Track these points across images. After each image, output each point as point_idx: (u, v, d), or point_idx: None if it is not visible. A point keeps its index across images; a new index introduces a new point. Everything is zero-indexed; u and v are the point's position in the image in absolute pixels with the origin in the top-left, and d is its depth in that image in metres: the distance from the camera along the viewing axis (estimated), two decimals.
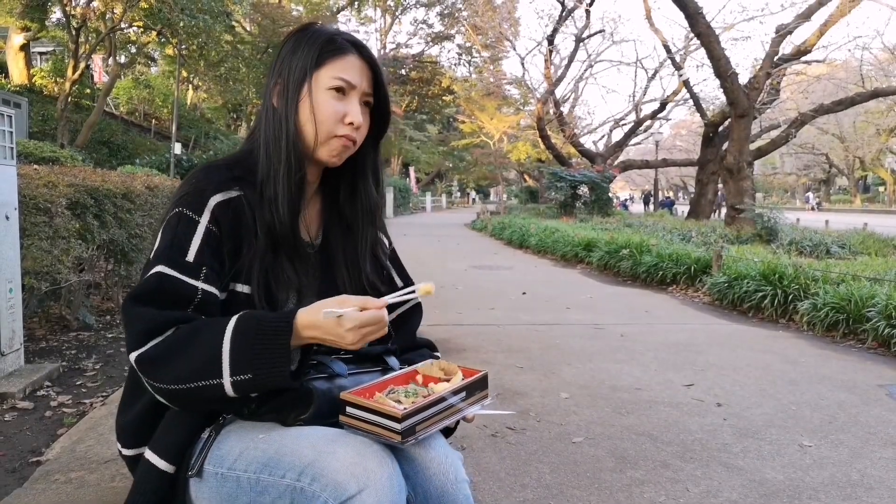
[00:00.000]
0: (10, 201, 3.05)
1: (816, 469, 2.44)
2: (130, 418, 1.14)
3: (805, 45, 13.23)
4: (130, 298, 1.04)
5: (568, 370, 3.79)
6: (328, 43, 1.17)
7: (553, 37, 21.13)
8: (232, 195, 1.12)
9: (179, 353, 1.00)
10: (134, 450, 1.15)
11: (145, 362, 1.01)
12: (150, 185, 5.09)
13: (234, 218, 1.11)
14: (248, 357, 0.98)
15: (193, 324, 1.03)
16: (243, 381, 0.98)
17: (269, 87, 1.20)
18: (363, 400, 1.00)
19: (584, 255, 9.80)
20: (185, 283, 1.04)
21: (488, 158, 32.56)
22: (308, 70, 1.15)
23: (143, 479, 1.08)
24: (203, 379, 0.99)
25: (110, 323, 4.53)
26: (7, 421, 2.64)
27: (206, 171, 1.15)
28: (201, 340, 1.00)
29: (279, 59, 1.20)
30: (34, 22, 17.06)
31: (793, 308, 5.44)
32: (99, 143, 17.76)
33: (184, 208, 1.09)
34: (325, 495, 0.92)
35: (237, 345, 0.99)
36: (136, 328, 1.02)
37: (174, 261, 1.05)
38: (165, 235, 1.08)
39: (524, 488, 2.23)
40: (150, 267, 1.06)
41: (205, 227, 1.08)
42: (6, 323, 3.01)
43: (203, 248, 1.07)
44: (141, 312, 1.02)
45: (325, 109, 1.15)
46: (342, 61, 1.17)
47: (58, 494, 1.33)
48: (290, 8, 29.06)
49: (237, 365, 0.98)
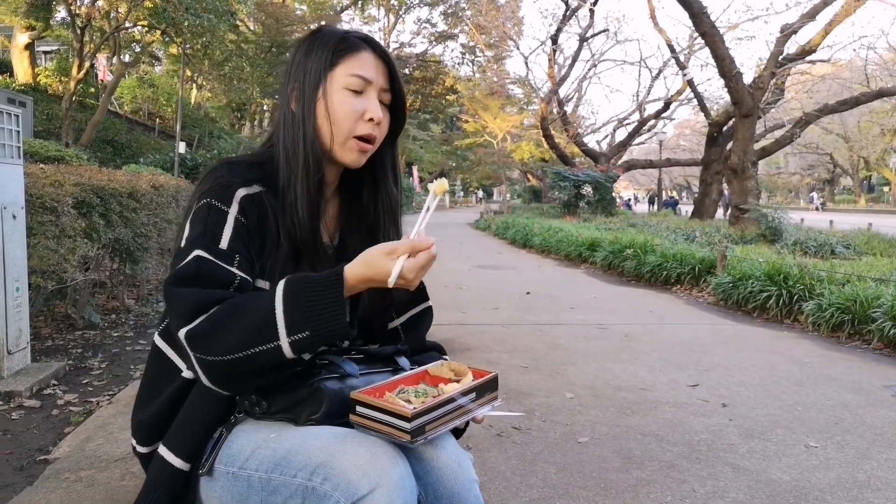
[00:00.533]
0: (17, 200, 3.06)
1: (823, 470, 2.43)
2: (147, 416, 1.14)
3: (810, 45, 13.19)
4: (172, 280, 1.04)
5: (572, 370, 3.79)
6: (340, 42, 1.17)
7: (557, 36, 21.10)
8: (255, 191, 1.13)
9: (232, 323, 0.98)
10: (149, 447, 1.15)
11: (196, 336, 0.99)
12: (155, 184, 5.11)
13: (258, 213, 1.11)
14: (304, 315, 0.98)
15: (239, 297, 1.03)
16: (301, 339, 0.98)
17: (287, 93, 1.20)
18: (373, 399, 1.00)
19: (587, 254, 9.80)
20: (223, 268, 1.05)
21: (492, 158, 32.53)
22: (323, 71, 1.15)
23: (158, 476, 1.08)
24: (259, 344, 0.97)
25: (115, 322, 4.54)
26: (14, 419, 2.65)
27: (228, 166, 1.15)
28: (252, 308, 1.00)
29: (294, 63, 1.20)
30: (39, 21, 17.08)
31: (798, 308, 5.43)
32: (103, 142, 17.79)
33: (212, 199, 1.09)
34: (337, 495, 0.92)
35: (291, 305, 0.98)
36: (182, 306, 1.01)
37: (209, 247, 1.05)
38: (196, 225, 1.08)
39: (530, 488, 2.23)
40: (186, 253, 1.05)
41: (234, 217, 1.09)
42: (13, 322, 3.02)
43: (234, 236, 1.08)
44: (185, 292, 1.02)
45: (343, 108, 1.15)
46: (356, 58, 1.17)
47: (68, 493, 1.33)
48: (293, 7, 29.08)
49: (293, 325, 0.98)
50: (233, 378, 1.02)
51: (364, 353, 1.22)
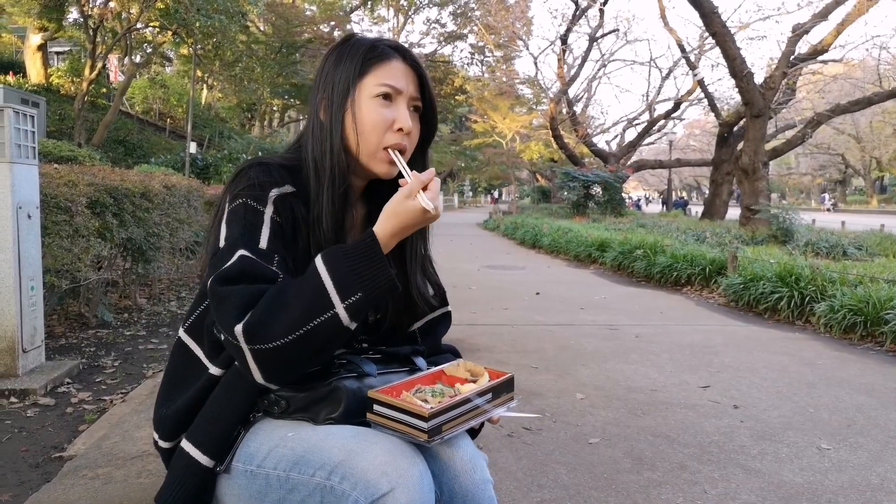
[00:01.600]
0: (32, 200, 3.09)
1: (835, 472, 2.42)
2: (171, 411, 1.15)
3: (822, 45, 13.10)
4: (218, 280, 1.03)
5: (583, 371, 3.78)
6: (370, 50, 1.16)
7: (566, 36, 21.06)
8: (288, 191, 1.12)
9: (284, 306, 0.99)
10: (172, 442, 1.16)
11: (251, 328, 0.98)
12: (167, 184, 5.14)
13: (291, 214, 1.12)
14: (352, 278, 1.00)
15: (280, 283, 1.04)
16: (356, 301, 1.00)
17: (315, 103, 1.19)
18: (390, 398, 1.01)
19: (597, 255, 9.78)
20: (266, 267, 1.05)
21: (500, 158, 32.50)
22: (352, 80, 1.15)
23: (182, 473, 1.08)
24: (316, 317, 0.99)
25: (128, 321, 4.58)
26: (29, 417, 2.68)
27: (259, 167, 1.14)
28: (298, 287, 1.01)
29: (322, 72, 1.19)
30: (52, 22, 17.22)
31: (809, 310, 5.40)
32: (115, 142, 17.92)
33: (247, 199, 1.09)
34: (356, 494, 0.93)
35: (336, 272, 1.00)
36: (232, 303, 1.01)
37: (250, 247, 1.05)
38: (235, 225, 1.08)
39: (541, 488, 2.24)
40: (229, 253, 1.05)
41: (270, 217, 1.09)
42: (28, 320, 3.05)
43: (272, 237, 1.08)
44: (233, 289, 1.02)
45: (372, 118, 1.14)
46: (386, 67, 1.16)
47: (86, 490, 1.35)
48: (303, 8, 29.16)
49: (344, 289, 0.99)
50: (290, 364, 1.01)
51: (381, 353, 1.23)
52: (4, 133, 2.87)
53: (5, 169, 2.88)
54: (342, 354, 1.18)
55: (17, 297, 2.95)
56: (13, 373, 2.98)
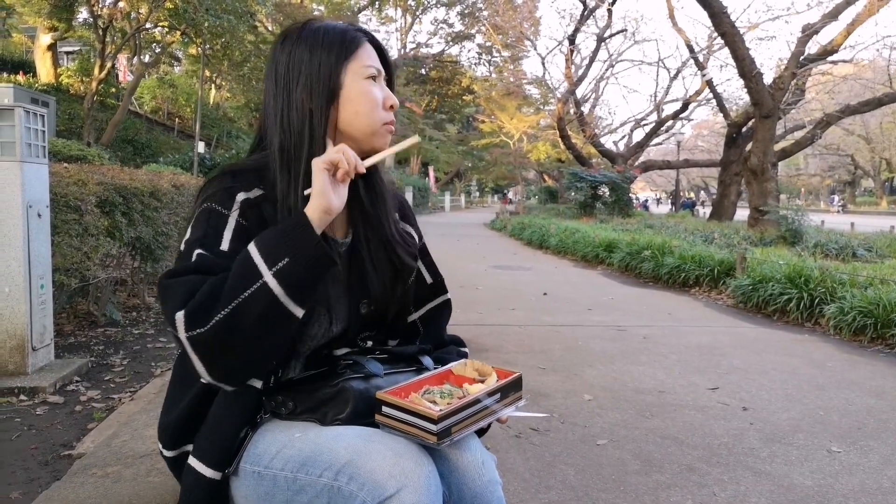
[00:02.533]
0: (42, 199, 3.11)
1: (846, 475, 2.40)
2: (171, 420, 1.15)
3: (832, 45, 13.02)
4: (167, 274, 1.04)
5: (590, 372, 3.77)
6: (345, 34, 1.17)
7: (574, 36, 21.03)
8: (256, 195, 1.12)
9: (218, 287, 0.99)
10: (174, 451, 1.16)
11: (191, 313, 0.97)
12: (176, 183, 5.16)
13: (258, 215, 1.11)
14: (278, 244, 0.99)
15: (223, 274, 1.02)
16: (283, 267, 0.98)
17: (279, 94, 1.15)
18: (399, 400, 1.01)
19: (604, 255, 9.75)
20: (222, 264, 1.04)
21: (508, 158, 32.51)
22: (339, 65, 1.14)
23: (192, 488, 1.08)
24: (244, 289, 0.97)
25: (137, 319, 4.60)
26: (38, 414, 2.70)
27: (230, 174, 1.15)
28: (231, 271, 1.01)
29: (290, 62, 1.15)
30: (61, 22, 17.33)
31: (819, 312, 5.36)
32: (123, 142, 18.01)
33: (213, 203, 1.09)
34: (363, 495, 0.92)
35: (263, 243, 1.00)
36: (176, 291, 1.00)
37: (210, 249, 1.05)
38: (197, 228, 1.08)
39: (549, 490, 2.23)
40: (187, 253, 1.05)
41: (235, 220, 1.08)
42: (37, 318, 3.07)
43: (235, 238, 1.07)
44: (179, 279, 1.02)
45: (370, 97, 1.16)
46: (363, 51, 1.17)
47: (96, 488, 1.35)
48: (311, 8, 29.24)
49: (270, 255, 0.98)
50: (228, 349, 0.98)
51: (387, 353, 1.22)
52: (15, 132, 2.88)
53: (16, 168, 2.89)
54: (348, 355, 1.18)
55: (26, 295, 2.96)
56: (23, 371, 2.99)
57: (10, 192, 2.89)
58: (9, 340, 2.96)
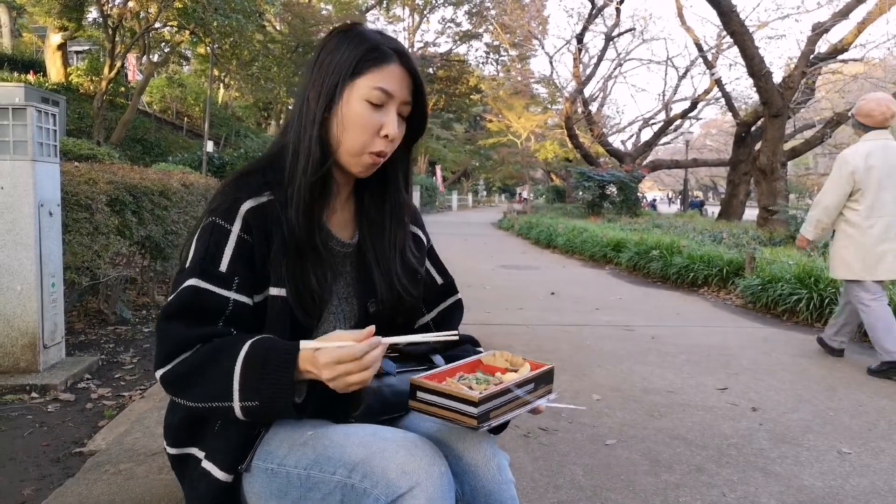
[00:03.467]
0: (53, 198, 3.13)
1: (857, 477, 2.39)
2: (176, 419, 1.16)
3: (842, 44, 12.94)
4: (163, 315, 1.07)
5: (599, 372, 3.76)
6: (371, 50, 1.12)
7: (582, 35, 20.96)
8: (263, 200, 1.12)
9: (197, 376, 1.04)
10: (178, 449, 1.17)
11: (167, 382, 1.06)
12: (185, 182, 5.18)
13: (264, 222, 1.10)
14: (256, 387, 1.00)
15: (214, 344, 1.05)
16: (251, 407, 1.01)
17: (307, 86, 1.16)
18: (437, 384, 1.00)
19: (612, 255, 9.73)
20: (217, 295, 1.06)
21: (515, 157, 32.47)
22: (346, 76, 1.12)
23: (205, 492, 1.08)
24: (216, 401, 1.03)
25: (146, 317, 4.62)
26: (50, 412, 2.72)
27: (238, 180, 1.15)
28: (218, 363, 1.03)
29: (317, 60, 1.16)
30: (71, 21, 17.44)
31: (829, 312, 5.32)
32: (133, 141, 18.11)
33: (217, 217, 1.10)
34: (377, 492, 0.93)
35: (246, 374, 1.01)
36: (164, 347, 1.06)
37: (207, 272, 1.06)
38: (199, 246, 1.09)
39: (557, 489, 2.23)
40: (184, 279, 1.07)
41: (237, 237, 1.08)
42: (49, 316, 3.09)
43: (235, 257, 1.08)
44: (171, 331, 1.05)
45: (361, 121, 1.12)
46: (383, 71, 1.12)
47: (108, 485, 1.36)
48: (319, 7, 29.30)
49: (245, 392, 1.00)
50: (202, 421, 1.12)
51: (399, 352, 1.23)
52: (27, 131, 2.90)
53: (28, 167, 2.91)
54: None
55: (38, 293, 2.99)
56: (34, 368, 3.02)
57: (22, 190, 2.91)
58: (20, 338, 2.99)
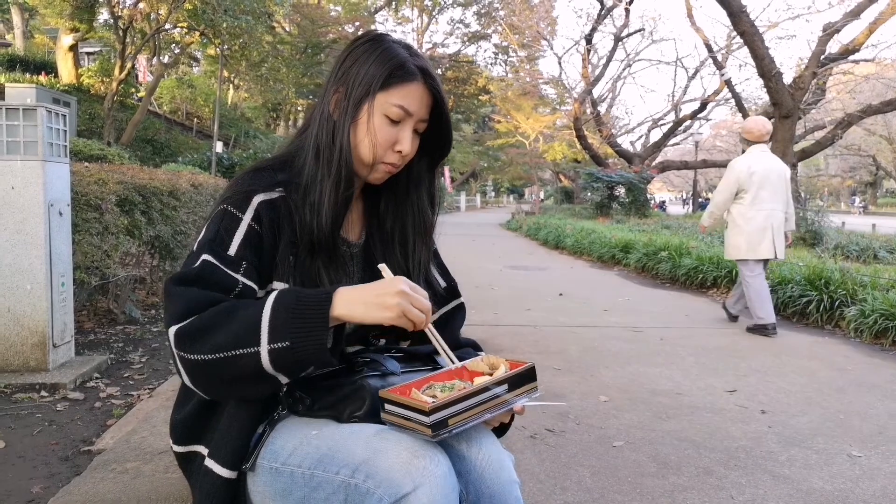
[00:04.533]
0: (63, 198, 3.15)
1: (867, 480, 2.37)
2: (182, 416, 1.17)
3: (853, 44, 12.85)
4: (174, 280, 1.06)
5: (606, 373, 3.75)
6: (398, 68, 1.14)
7: (591, 36, 20.94)
8: (274, 196, 1.14)
9: (220, 325, 0.99)
10: (184, 447, 1.17)
11: (183, 336, 1.00)
12: (194, 182, 5.21)
13: (275, 217, 1.12)
14: (288, 325, 0.97)
15: (235, 301, 1.04)
16: (280, 349, 0.97)
17: (328, 91, 1.18)
18: (396, 396, 1.00)
19: (621, 256, 9.70)
20: (227, 274, 1.06)
21: (523, 158, 32.39)
22: (372, 89, 1.13)
23: (210, 490, 1.08)
24: (240, 347, 0.97)
25: (155, 317, 4.64)
26: (59, 410, 2.73)
27: (252, 173, 1.17)
28: (241, 313, 1.00)
29: (342, 65, 1.18)
30: (82, 23, 17.56)
31: (839, 314, 5.29)
32: (143, 142, 18.20)
33: (229, 205, 1.12)
34: (380, 492, 0.93)
35: (277, 313, 0.98)
36: (178, 304, 1.02)
37: (217, 253, 1.07)
38: (210, 229, 1.11)
39: (564, 491, 2.22)
40: (195, 256, 1.08)
41: (247, 225, 1.10)
42: (58, 315, 3.11)
43: (244, 243, 1.09)
44: (184, 291, 1.04)
45: (381, 134, 1.14)
46: (406, 88, 1.14)
47: (115, 483, 1.37)
48: (328, 8, 29.37)
49: (275, 332, 0.97)
50: (208, 380, 1.02)
51: (402, 352, 1.23)
52: (37, 132, 2.93)
53: (38, 167, 2.93)
54: (365, 353, 1.18)
55: (48, 293, 3.01)
56: (44, 367, 3.04)
57: (32, 190, 2.94)
58: (30, 337, 3.01)
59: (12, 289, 2.97)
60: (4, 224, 2.93)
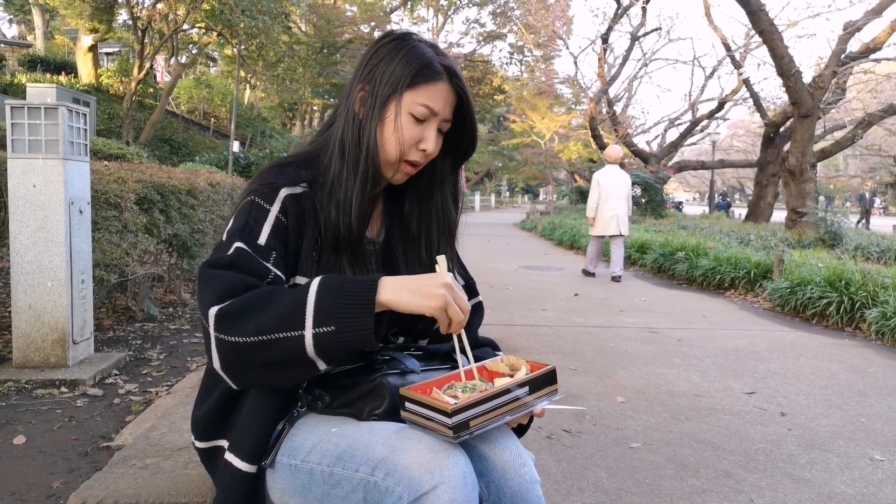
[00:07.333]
0: (84, 196, 3.18)
1: (890, 484, 2.33)
2: (204, 412, 1.17)
3: (875, 43, 12.66)
4: (209, 264, 1.05)
5: (623, 374, 3.72)
6: (425, 67, 1.15)
7: (607, 35, 20.79)
8: (298, 191, 1.14)
9: (262, 307, 0.97)
10: (206, 442, 1.18)
11: (224, 316, 0.98)
12: (212, 181, 5.24)
13: (300, 212, 1.13)
14: (333, 310, 0.96)
15: (274, 287, 1.04)
16: (325, 333, 0.95)
17: (353, 89, 1.19)
18: (418, 395, 1.00)
19: (637, 257, 9.64)
20: (259, 262, 1.06)
21: (538, 158, 32.31)
22: (399, 89, 1.14)
23: (229, 483, 1.09)
24: (283, 330, 0.95)
25: (173, 315, 4.68)
26: (79, 406, 2.76)
27: (278, 168, 1.18)
28: (283, 297, 0.99)
29: (368, 63, 1.18)
30: (102, 24, 17.78)
31: (860, 316, 5.22)
32: (161, 141, 18.39)
33: (256, 197, 1.12)
34: (400, 490, 0.92)
35: (322, 297, 0.97)
36: (216, 285, 1.01)
37: (248, 241, 1.08)
38: (239, 219, 1.11)
39: (581, 492, 2.21)
40: (227, 244, 1.08)
41: (275, 216, 1.11)
42: (78, 312, 3.14)
43: (273, 234, 1.10)
44: (220, 273, 1.03)
45: (405, 133, 1.15)
46: (432, 88, 1.15)
47: (135, 479, 1.38)
48: (344, 9, 29.46)
49: (320, 316, 0.95)
50: (246, 365, 0.99)
51: (422, 350, 1.22)
52: (58, 130, 2.96)
53: (59, 165, 2.97)
54: (385, 350, 1.18)
55: (68, 290, 3.04)
56: (64, 363, 3.07)
57: (53, 188, 2.97)
58: (51, 334, 3.04)
59: (33, 286, 3.00)
60: (26, 222, 2.96)
